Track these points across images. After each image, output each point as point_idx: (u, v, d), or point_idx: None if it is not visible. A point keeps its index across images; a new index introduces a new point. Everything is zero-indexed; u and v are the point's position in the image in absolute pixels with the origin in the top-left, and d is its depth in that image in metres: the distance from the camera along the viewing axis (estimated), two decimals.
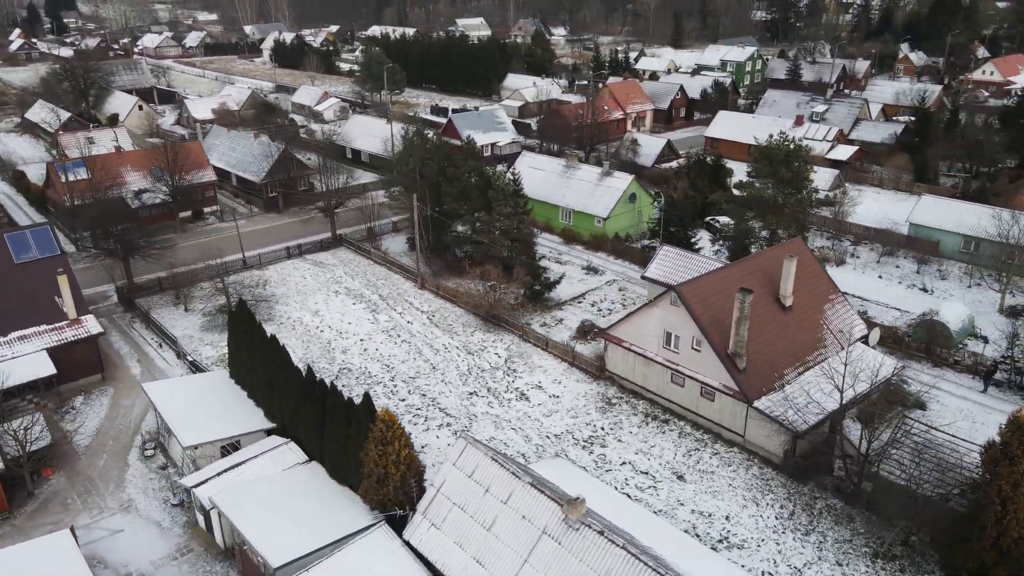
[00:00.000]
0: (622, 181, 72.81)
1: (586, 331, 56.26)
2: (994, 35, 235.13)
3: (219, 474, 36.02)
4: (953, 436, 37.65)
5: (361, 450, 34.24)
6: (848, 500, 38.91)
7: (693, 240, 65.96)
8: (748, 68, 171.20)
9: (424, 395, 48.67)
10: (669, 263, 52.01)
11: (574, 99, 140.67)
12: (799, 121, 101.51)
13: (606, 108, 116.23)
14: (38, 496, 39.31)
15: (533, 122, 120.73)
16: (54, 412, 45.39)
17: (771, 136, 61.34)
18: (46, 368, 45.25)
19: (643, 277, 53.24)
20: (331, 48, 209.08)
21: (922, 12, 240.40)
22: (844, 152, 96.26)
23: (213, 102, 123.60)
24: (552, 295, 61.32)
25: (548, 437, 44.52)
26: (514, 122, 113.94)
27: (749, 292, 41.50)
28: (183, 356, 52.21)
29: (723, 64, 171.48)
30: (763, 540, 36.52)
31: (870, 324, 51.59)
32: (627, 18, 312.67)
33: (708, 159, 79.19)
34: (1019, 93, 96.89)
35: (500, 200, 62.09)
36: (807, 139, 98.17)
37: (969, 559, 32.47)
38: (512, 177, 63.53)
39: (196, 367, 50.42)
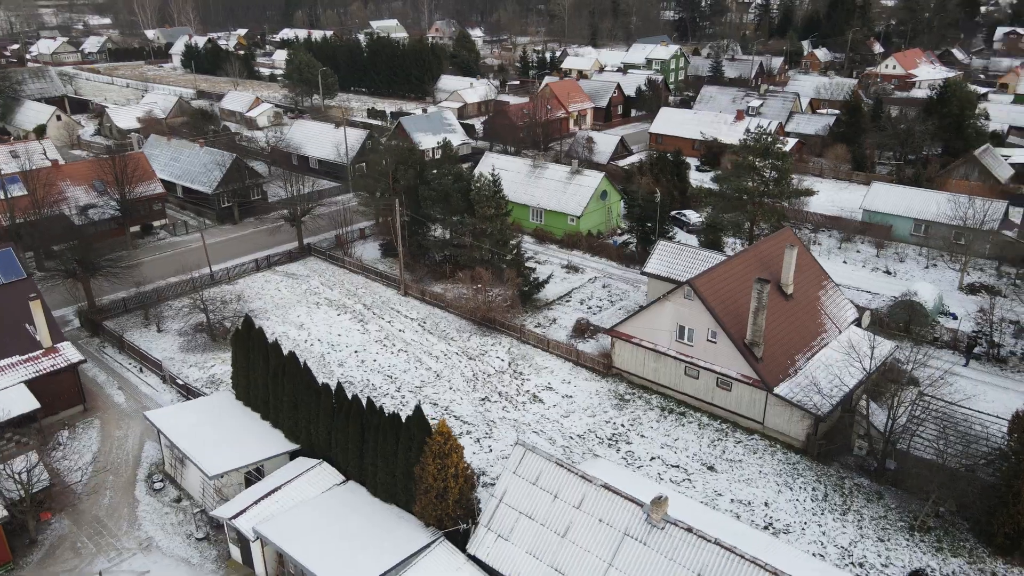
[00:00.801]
0: (593, 179, 73.29)
1: (583, 329, 56.28)
2: (886, 31, 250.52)
3: (256, 502, 33.89)
4: (978, 411, 39.62)
5: (412, 465, 33.04)
6: (873, 478, 40.38)
7: (671, 235, 67.00)
8: (673, 66, 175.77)
9: (436, 404, 47.44)
10: (668, 257, 52.68)
11: (512, 100, 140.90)
12: (739, 116, 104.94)
13: (549, 107, 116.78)
14: (42, 543, 35.97)
15: (477, 123, 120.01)
16: (39, 450, 41.60)
17: (748, 130, 63.01)
18: (28, 402, 41.48)
19: (643, 272, 53.73)
20: (247, 52, 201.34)
21: (820, 11, 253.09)
22: (786, 145, 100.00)
23: (137, 110, 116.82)
24: (540, 295, 61.04)
25: (572, 438, 44.22)
26: None
27: (766, 282, 42.47)
28: (169, 380, 48.98)
29: (648, 62, 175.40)
30: (806, 523, 37.41)
31: (859, 308, 53.78)
32: (542, 18, 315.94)
33: (668, 155, 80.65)
34: (939, 85, 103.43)
35: (482, 202, 61.36)
36: (747, 133, 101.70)
37: (1006, 524, 34.30)
38: (492, 178, 62.81)
39: (189, 391, 47.38)
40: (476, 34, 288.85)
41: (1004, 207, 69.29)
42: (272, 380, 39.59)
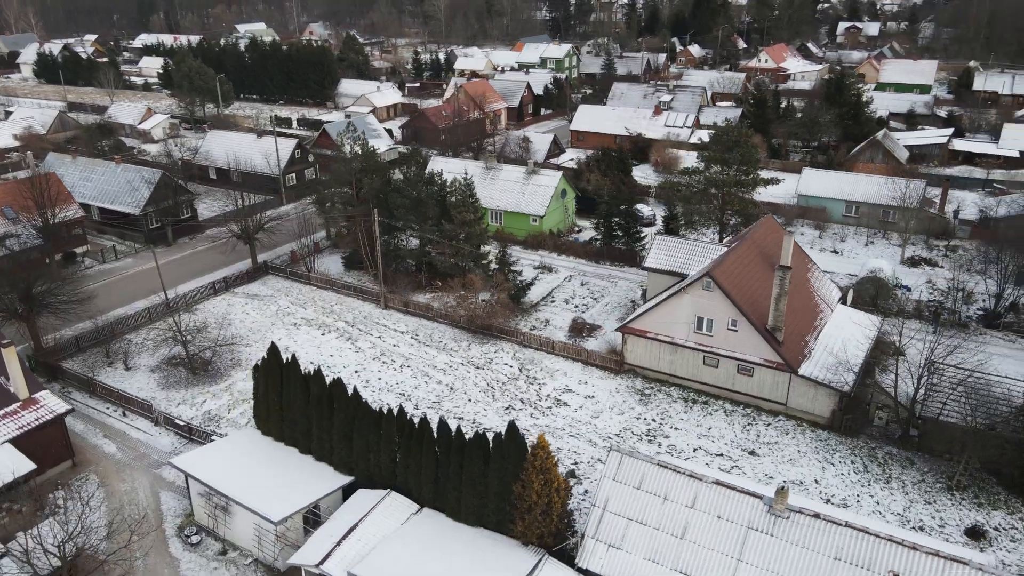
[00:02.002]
0: (552, 178, 73.29)
1: (580, 329, 56.18)
2: (746, 28, 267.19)
3: (339, 543, 31.27)
4: (1002, 376, 42.92)
5: (506, 485, 31.67)
6: (900, 445, 42.93)
7: (637, 231, 68.07)
8: (567, 64, 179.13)
9: (461, 418, 45.76)
10: (666, 251, 53.49)
11: (420, 103, 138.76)
12: (657, 111, 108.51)
13: (466, 108, 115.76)
14: None
15: (395, 127, 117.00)
16: (35, 515, 36.44)
17: (715, 123, 65.01)
18: (20, 464, 36.18)
19: (644, 267, 54.25)
20: (111, 60, 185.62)
21: (685, 10, 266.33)
22: (704, 136, 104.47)
23: (11, 127, 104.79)
24: (525, 298, 60.28)
25: (611, 437, 44.03)
26: None
27: (788, 269, 44.09)
28: (163, 422, 44.29)
29: (544, 61, 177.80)
30: (859, 496, 39.18)
31: (840, 288, 56.93)
32: (416, 20, 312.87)
33: (613, 152, 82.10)
34: (832, 74, 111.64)
35: (461, 207, 59.93)
36: (668, 127, 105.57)
37: None
38: (465, 182, 61.41)
39: (192, 432, 43.04)
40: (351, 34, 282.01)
41: (923, 186, 75.74)
42: (315, 410, 36.70)
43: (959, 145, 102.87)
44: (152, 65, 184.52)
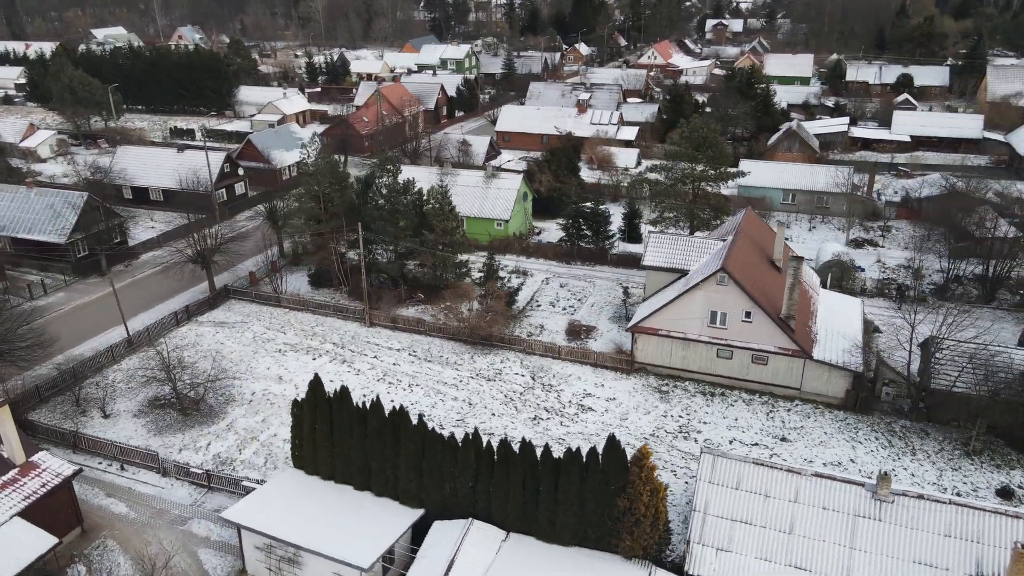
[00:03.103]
0: (513, 181, 72.48)
1: (577, 331, 55.90)
2: (621, 26, 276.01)
3: None
4: (996, 345, 46.27)
5: (607, 501, 30.85)
6: (911, 417, 45.59)
7: (605, 230, 68.44)
8: (467, 64, 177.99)
9: (492, 433, 44.24)
10: (664, 248, 53.90)
11: (332, 109, 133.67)
12: (582, 109, 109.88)
13: (385, 112, 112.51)
14: None
15: (313, 134, 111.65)
16: None
17: (685, 120, 66.40)
18: (40, 540, 31.52)
19: (643, 266, 54.46)
20: None
21: (565, 10, 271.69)
22: (630, 132, 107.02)
23: None
24: (514, 304, 59.31)
25: (647, 438, 44.02)
26: None
27: (801, 259, 45.70)
28: (174, 472, 39.99)
29: (443, 62, 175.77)
30: (894, 470, 41.22)
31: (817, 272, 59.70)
32: (289, 22, 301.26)
33: (562, 152, 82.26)
34: (726, 70, 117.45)
35: (441, 216, 58.10)
36: (595, 124, 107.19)
37: None
38: (442, 190, 59.56)
39: (211, 479, 39.11)
40: (223, 40, 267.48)
41: (850, 172, 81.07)
42: (376, 443, 34.27)
43: (857, 132, 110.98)
44: (8, 76, 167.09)
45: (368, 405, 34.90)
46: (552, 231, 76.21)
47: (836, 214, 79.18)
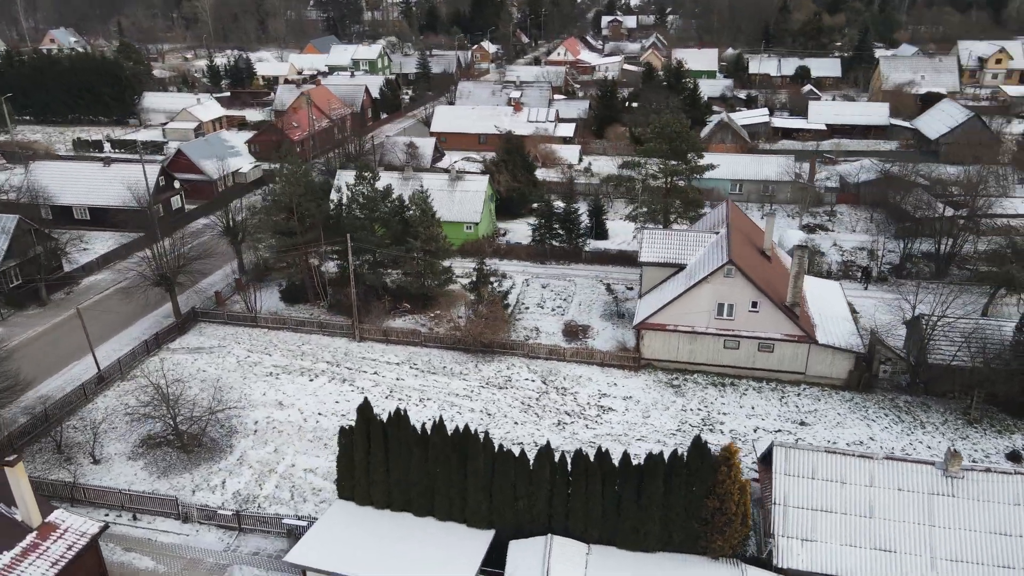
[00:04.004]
0: (479, 183, 71.05)
1: (574, 332, 55.45)
2: (522, 24, 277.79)
3: None
4: (989, 319, 49.12)
5: (694, 503, 30.58)
6: (911, 392, 47.91)
7: (578, 228, 68.32)
8: (380, 65, 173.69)
9: (520, 443, 43.12)
10: (659, 243, 54.03)
11: (252, 115, 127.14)
12: (517, 107, 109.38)
13: (313, 117, 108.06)
14: None
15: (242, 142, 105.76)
16: None
17: (652, 117, 66.88)
18: None
19: (641, 263, 54.35)
20: None
21: (464, 8, 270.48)
22: (568, 129, 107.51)
23: None
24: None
25: (674, 435, 44.16)
26: None
27: (805, 247, 47.06)
28: (195, 517, 36.54)
29: (356, 63, 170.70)
30: (912, 444, 43.16)
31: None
32: (169, 23, 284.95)
33: (517, 153, 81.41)
34: (640, 66, 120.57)
35: (425, 222, 56.23)
36: (532, 122, 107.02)
37: None
38: (423, 196, 57.58)
39: (242, 520, 35.99)
40: (101, 44, 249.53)
41: (793, 161, 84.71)
42: (441, 466, 32.52)
43: (778, 123, 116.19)
44: None
45: (429, 427, 33.08)
46: (518, 231, 75.38)
47: (782, 202, 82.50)
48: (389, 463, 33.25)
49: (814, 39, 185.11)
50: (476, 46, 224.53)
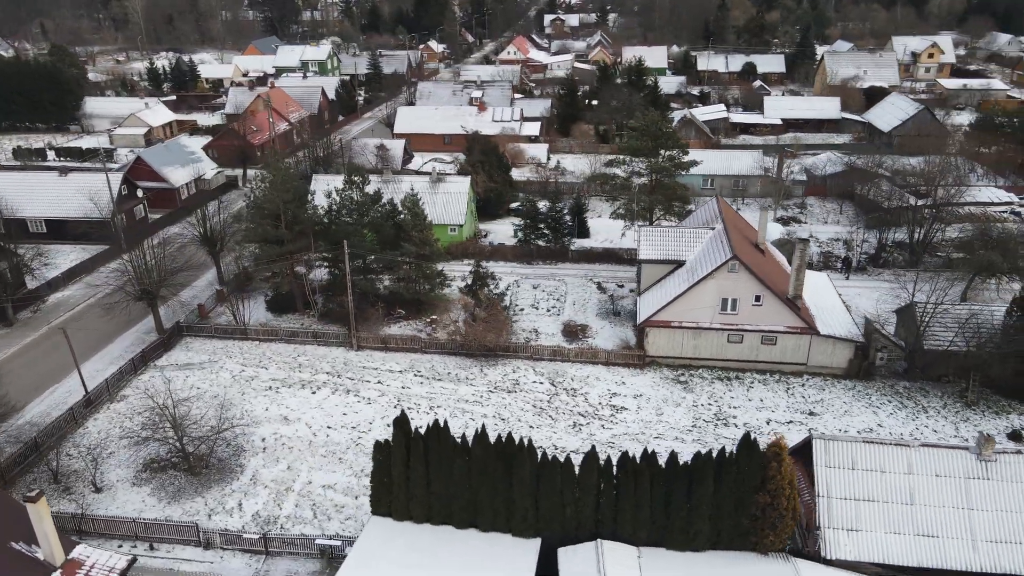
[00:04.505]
0: (461, 184, 70.06)
1: (574, 331, 55.20)
2: (467, 23, 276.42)
3: None
4: (977, 305, 50.67)
5: (744, 500, 30.61)
6: (908, 377, 49.26)
7: (564, 227, 68.13)
8: (330, 66, 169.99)
9: (540, 446, 42.34)
10: (656, 241, 54.07)
11: (203, 119, 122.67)
12: (482, 107, 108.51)
13: (271, 120, 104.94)
14: None
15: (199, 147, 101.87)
16: None
17: (636, 114, 67.06)
18: None
19: (640, 260, 54.29)
20: None
21: (407, 8, 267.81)
22: (534, 128, 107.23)
23: None
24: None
25: (690, 431, 44.35)
26: None
27: (807, 241, 47.83)
28: (223, 542, 34.76)
29: (305, 64, 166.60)
30: (920, 429, 44.33)
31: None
32: (94, 24, 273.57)
33: (493, 154, 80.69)
34: (592, 64, 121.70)
35: (419, 226, 55.14)
36: (497, 121, 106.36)
37: None
38: (414, 198, 56.42)
39: (269, 542, 34.41)
40: (26, 47, 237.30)
41: (760, 155, 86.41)
42: (485, 477, 31.71)
43: (736, 118, 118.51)
44: None
45: (469, 436, 32.24)
46: (499, 232, 74.74)
47: (753, 196, 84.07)
48: (430, 476, 32.26)
49: (757, 36, 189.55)
50: (423, 46, 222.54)
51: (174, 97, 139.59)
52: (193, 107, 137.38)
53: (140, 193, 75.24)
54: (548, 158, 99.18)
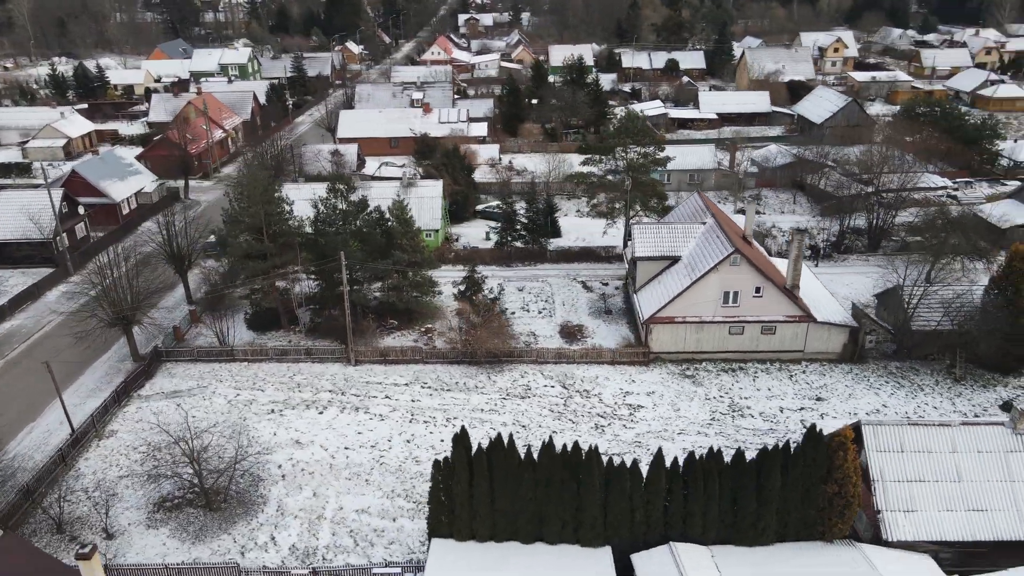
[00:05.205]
0: (433, 188, 68.49)
1: (572, 332, 54.85)
2: (384, 24, 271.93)
3: None
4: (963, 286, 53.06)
5: (812, 491, 31.04)
6: (897, 358, 51.39)
7: (542, 228, 67.64)
8: (250, 69, 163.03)
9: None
10: (651, 238, 54.15)
11: (124, 128, 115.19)
12: (427, 109, 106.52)
13: (204, 127, 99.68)
14: None
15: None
16: None
17: (615, 113, 66.96)
18: None
19: (636, 258, 54.16)
20: None
21: (316, 8, 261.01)
22: (481, 128, 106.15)
23: None
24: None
25: (710, 424, 44.80)
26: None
27: (803, 231, 49.10)
28: None
29: (224, 68, 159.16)
30: (919, 407, 46.29)
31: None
32: None
33: (454, 156, 79.31)
34: (573, 64, 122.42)
35: (409, 233, 53.52)
36: (444, 123, 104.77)
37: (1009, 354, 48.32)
38: (400, 204, 54.67)
39: None
40: None
41: (713, 149, 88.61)
42: (554, 488, 30.86)
43: (675, 114, 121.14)
44: None
45: (533, 449, 31.31)
46: (469, 235, 73.53)
47: (709, 189, 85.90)
48: (494, 492, 31.12)
49: (676, 33, 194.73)
50: (341, 47, 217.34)
51: (85, 105, 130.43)
52: (109, 116, 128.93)
53: (82, 210, 69.72)
54: (500, 158, 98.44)
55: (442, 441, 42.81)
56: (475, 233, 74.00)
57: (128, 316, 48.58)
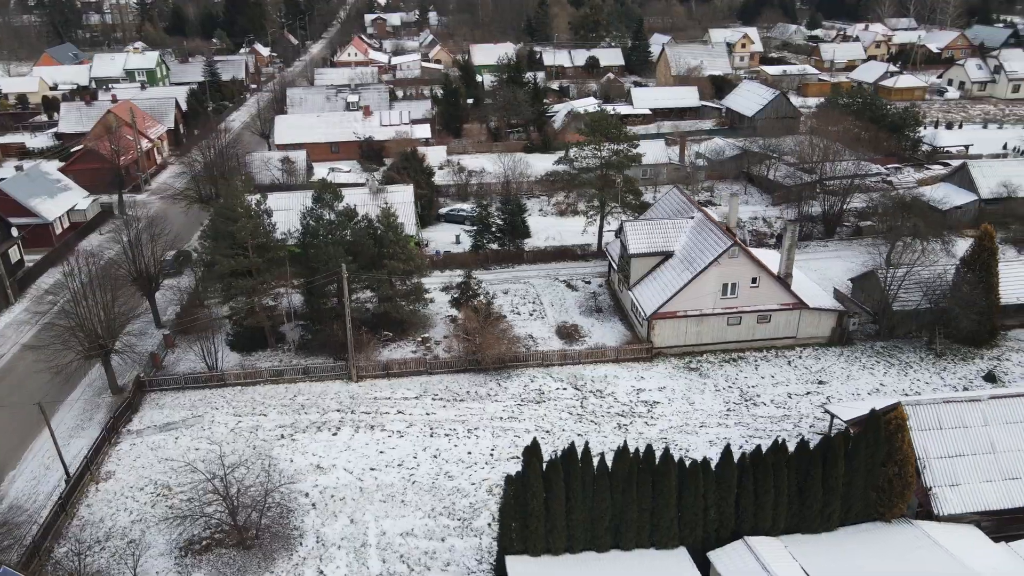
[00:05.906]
0: (405, 193, 66.49)
1: (569, 333, 54.55)
2: (292, 25, 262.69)
3: None
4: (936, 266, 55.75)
5: (873, 475, 31.96)
6: (879, 338, 53.80)
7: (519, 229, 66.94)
8: (159, 74, 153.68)
9: (596, 453, 41.59)
10: (642, 234, 54.26)
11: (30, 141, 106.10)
12: (367, 112, 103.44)
13: (131, 137, 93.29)
14: None
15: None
16: None
17: (587, 109, 66.72)
18: None
19: (632, 255, 54.06)
20: None
21: (216, 9, 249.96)
22: (425, 130, 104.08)
23: None
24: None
25: (727, 415, 45.54)
26: None
27: (795, 222, 50.57)
28: None
29: (130, 73, 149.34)
30: (917, 384, 48.54)
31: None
32: None
33: (415, 158, 77.33)
34: (509, 61, 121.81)
35: (400, 241, 51.80)
36: (387, 125, 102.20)
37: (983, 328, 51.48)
38: (388, 210, 52.76)
39: None
40: None
41: (663, 144, 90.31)
42: (632, 493, 30.40)
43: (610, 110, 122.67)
44: None
45: (608, 456, 30.76)
46: (438, 239, 71.92)
47: (662, 183, 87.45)
48: (570, 503, 30.35)
49: (593, 31, 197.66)
50: (249, 49, 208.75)
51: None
52: (7, 127, 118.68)
53: (15, 232, 63.64)
54: (448, 160, 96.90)
55: (469, 454, 41.64)
56: (443, 238, 72.46)
57: (106, 345, 44.61)
